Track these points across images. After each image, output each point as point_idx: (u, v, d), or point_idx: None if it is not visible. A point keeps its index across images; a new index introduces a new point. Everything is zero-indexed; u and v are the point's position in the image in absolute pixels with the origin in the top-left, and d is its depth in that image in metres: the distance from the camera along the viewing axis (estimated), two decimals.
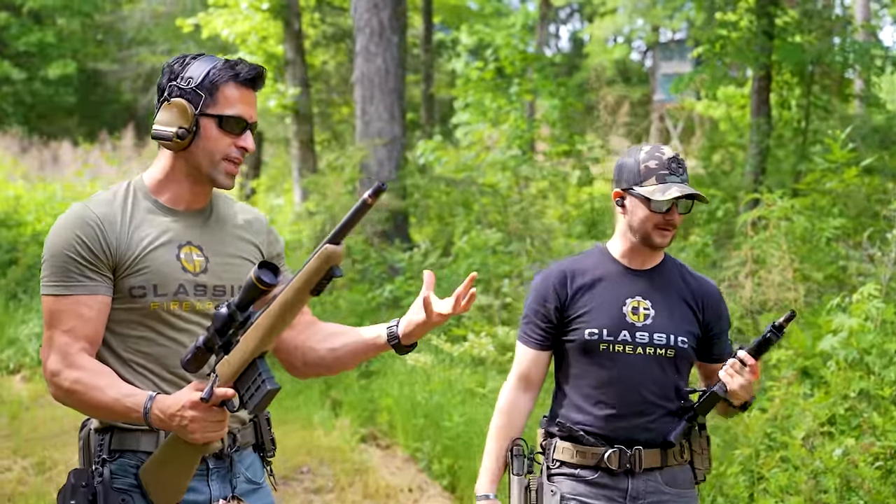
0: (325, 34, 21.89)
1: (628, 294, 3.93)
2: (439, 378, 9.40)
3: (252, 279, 2.91)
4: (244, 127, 3.30)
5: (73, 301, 3.20)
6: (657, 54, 41.62)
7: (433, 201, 15.47)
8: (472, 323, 10.43)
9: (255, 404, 3.01)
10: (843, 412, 6.60)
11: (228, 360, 3.03)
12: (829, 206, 9.18)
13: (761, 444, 6.67)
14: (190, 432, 3.04)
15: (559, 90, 18.00)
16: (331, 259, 2.86)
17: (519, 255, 11.94)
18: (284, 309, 2.96)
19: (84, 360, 3.19)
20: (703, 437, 4.02)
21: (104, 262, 3.22)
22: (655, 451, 3.90)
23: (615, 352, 3.88)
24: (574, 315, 3.93)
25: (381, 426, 9.69)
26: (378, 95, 15.40)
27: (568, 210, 14.90)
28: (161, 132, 3.25)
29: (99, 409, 3.18)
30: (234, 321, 3.01)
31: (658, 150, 3.91)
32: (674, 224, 3.89)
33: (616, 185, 3.97)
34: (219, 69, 3.27)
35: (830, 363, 6.85)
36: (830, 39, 15.05)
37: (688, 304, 3.98)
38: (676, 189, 3.81)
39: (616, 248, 4.02)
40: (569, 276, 3.97)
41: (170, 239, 3.31)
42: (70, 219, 3.24)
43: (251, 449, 3.51)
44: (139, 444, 3.29)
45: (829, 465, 5.96)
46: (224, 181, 3.33)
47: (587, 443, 3.90)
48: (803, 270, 8.09)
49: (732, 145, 18.36)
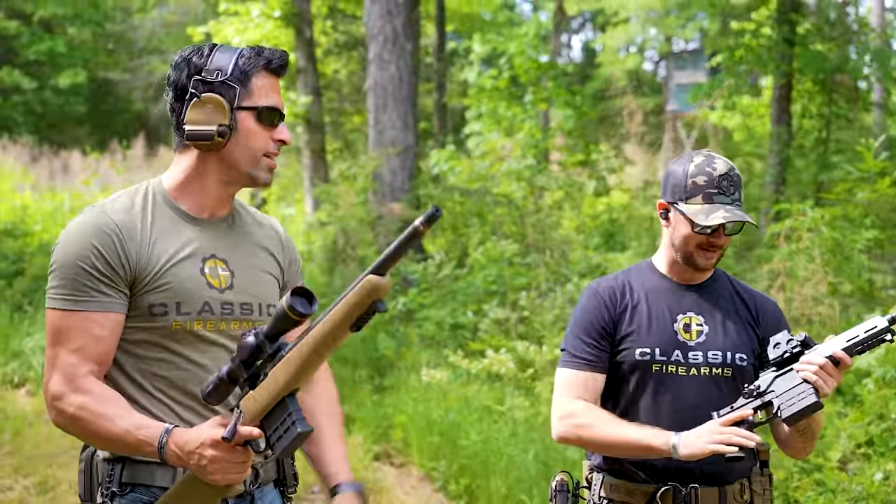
0: (338, 42, 21.70)
1: (679, 310, 3.65)
2: (456, 395, 9.15)
3: (284, 308, 2.63)
4: (280, 117, 3.04)
5: (83, 318, 2.90)
6: (670, 64, 41.42)
7: (447, 212, 15.22)
8: (490, 337, 10.19)
9: (284, 448, 2.71)
10: (881, 433, 6.33)
11: (255, 397, 2.74)
12: (861, 218, 8.91)
13: (795, 467, 6.41)
14: (209, 473, 2.77)
15: (574, 99, 17.78)
16: (375, 292, 2.56)
17: (537, 267, 11.69)
18: (321, 344, 2.66)
19: (91, 384, 2.89)
20: (764, 476, 3.67)
21: (121, 277, 2.93)
22: (714, 490, 3.57)
23: (668, 373, 3.58)
24: (624, 334, 3.64)
25: (395, 444, 9.43)
26: (391, 104, 15.21)
27: (584, 221, 14.65)
28: (199, 132, 2.96)
29: (106, 440, 2.89)
30: (263, 353, 2.72)
31: (710, 163, 3.58)
32: (719, 246, 3.59)
33: (663, 196, 3.69)
34: (247, 57, 3.00)
35: (866, 381, 6.57)
36: (849, 48, 14.84)
37: (743, 318, 3.68)
38: (723, 213, 3.51)
39: (662, 263, 3.75)
40: (618, 291, 3.70)
41: (193, 251, 3.03)
42: (85, 226, 2.94)
43: (272, 485, 3.23)
44: (154, 479, 3.00)
45: (870, 491, 5.68)
46: (265, 178, 3.06)
47: (637, 479, 3.59)
48: (836, 284, 7.81)
49: (749, 155, 18.15)
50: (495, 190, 15.16)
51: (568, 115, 17.69)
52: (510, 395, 8.95)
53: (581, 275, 11.21)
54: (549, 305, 10.44)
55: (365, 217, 14.25)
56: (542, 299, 10.74)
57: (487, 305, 11.17)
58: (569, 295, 10.45)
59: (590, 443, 3.61)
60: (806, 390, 3.32)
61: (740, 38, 14.99)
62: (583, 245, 12.83)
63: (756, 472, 3.66)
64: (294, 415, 2.69)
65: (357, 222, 14.25)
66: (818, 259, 7.67)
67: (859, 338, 3.32)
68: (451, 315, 11.57)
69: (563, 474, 3.72)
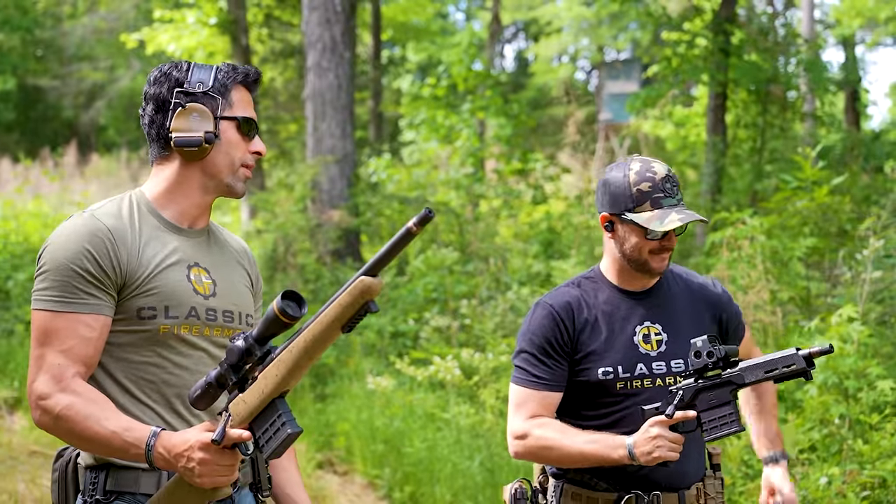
0: (274, 50, 21.59)
1: (636, 321, 3.63)
2: (399, 402, 9.15)
3: (275, 311, 2.65)
4: (256, 129, 3.13)
5: (73, 319, 2.92)
6: (602, 74, 41.69)
7: (385, 220, 15.25)
8: (431, 345, 10.20)
9: (273, 449, 2.72)
10: (823, 438, 6.41)
11: (244, 399, 2.75)
12: (799, 226, 9.03)
13: (739, 472, 6.48)
14: (197, 475, 2.76)
15: (511, 107, 17.86)
16: (367, 293, 2.58)
17: (478, 275, 11.73)
18: (311, 345, 2.67)
19: (79, 385, 2.89)
20: (717, 479, 3.70)
21: (111, 280, 2.95)
22: (674, 495, 3.59)
23: (633, 388, 3.57)
24: (583, 353, 3.61)
25: (338, 452, 9.41)
26: (330, 112, 15.19)
27: (522, 229, 14.71)
28: (186, 138, 3.01)
29: (92, 442, 2.87)
30: (252, 356, 2.74)
31: (649, 168, 3.55)
32: (670, 248, 3.59)
33: (603, 208, 3.63)
34: (226, 72, 3.09)
35: (808, 387, 6.65)
36: (779, 59, 15.07)
37: (700, 314, 3.68)
38: (676, 216, 3.49)
39: (610, 272, 3.71)
40: (574, 307, 3.64)
41: (179, 259, 3.07)
42: (78, 229, 2.96)
43: (248, 488, 3.24)
44: (139, 486, 2.99)
45: (815, 496, 5.75)
46: (241, 189, 3.14)
47: (599, 488, 3.60)
48: (776, 292, 7.91)
49: (682, 164, 18.32)
50: (433, 198, 15.17)
51: (503, 124, 17.77)
52: (454, 403, 8.95)
53: (521, 283, 11.26)
54: (490, 313, 10.47)
55: (304, 225, 14.22)
56: (483, 307, 10.77)
57: (428, 313, 11.18)
58: (510, 302, 10.48)
59: (547, 460, 3.62)
60: (729, 415, 3.38)
61: (675, 49, 15.15)
62: (522, 253, 12.87)
63: (710, 476, 3.69)
64: (284, 416, 2.71)
65: (296, 230, 14.21)
66: (760, 267, 7.77)
67: (777, 372, 3.36)
68: (392, 323, 11.57)
69: (522, 481, 3.69)
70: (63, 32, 32.97)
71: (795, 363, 3.33)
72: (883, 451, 6.04)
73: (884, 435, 6.15)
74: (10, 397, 10.22)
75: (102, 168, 25.61)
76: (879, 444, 6.06)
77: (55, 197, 20.50)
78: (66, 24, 32.60)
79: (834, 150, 15.66)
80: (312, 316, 2.68)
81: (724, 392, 3.40)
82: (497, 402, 8.72)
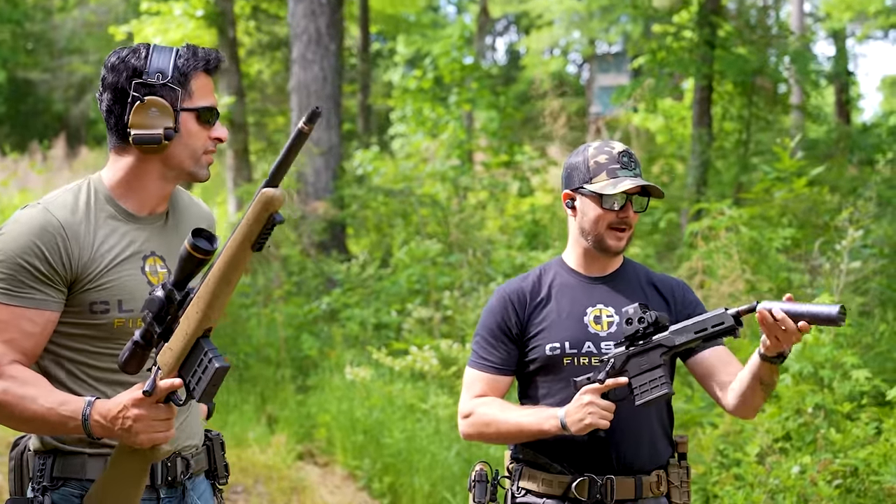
0: (261, 42, 21.59)
1: (588, 303, 3.65)
2: (379, 393, 9.14)
3: (187, 249, 2.65)
4: (216, 116, 3.08)
5: (16, 312, 2.91)
6: (594, 67, 41.70)
7: (371, 212, 15.23)
8: (413, 336, 10.20)
9: (203, 389, 2.72)
10: (798, 427, 6.42)
11: (170, 347, 2.75)
12: (778, 217, 9.04)
13: (713, 462, 6.48)
14: (135, 434, 2.76)
15: (499, 100, 17.85)
16: (270, 204, 2.58)
17: (460, 267, 11.72)
18: (226, 270, 2.66)
19: (14, 370, 2.88)
20: (682, 468, 3.68)
21: (61, 277, 2.94)
22: (630, 480, 3.58)
23: (580, 366, 3.57)
24: (534, 332, 3.65)
25: (318, 443, 9.41)
26: (315, 104, 15.12)
27: (508, 221, 14.71)
28: (145, 136, 2.97)
29: (32, 422, 2.88)
30: (173, 302, 2.73)
31: (607, 144, 3.64)
32: (628, 223, 3.60)
33: (565, 187, 3.70)
34: (185, 59, 3.02)
35: (783, 376, 6.65)
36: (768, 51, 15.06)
37: (654, 305, 3.66)
38: (630, 182, 3.54)
39: (571, 257, 3.74)
40: (527, 291, 3.70)
41: (135, 251, 3.06)
42: (29, 223, 2.93)
43: (203, 475, 3.24)
44: (85, 471, 3.00)
45: (787, 484, 5.76)
46: (205, 175, 3.11)
47: (554, 470, 3.60)
48: (753, 282, 7.91)
49: (671, 157, 18.32)
50: (419, 190, 15.16)
51: (492, 117, 17.76)
52: (433, 393, 8.95)
53: (505, 274, 11.26)
54: (473, 305, 10.47)
55: (289, 217, 14.20)
56: (466, 299, 10.77)
57: (411, 305, 11.18)
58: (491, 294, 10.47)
59: (490, 437, 3.66)
60: (659, 378, 3.38)
61: (662, 41, 15.14)
62: (506, 245, 12.87)
63: (674, 464, 3.67)
64: (210, 353, 2.70)
65: None
66: (736, 257, 7.77)
67: (707, 332, 3.35)
68: (375, 315, 11.56)
69: (482, 464, 3.71)
70: (53, 25, 32.87)
71: (724, 322, 3.33)
72: (856, 440, 6.06)
73: (857, 424, 6.17)
74: None
75: (91, 161, 25.52)
76: (852, 434, 6.07)
77: (42, 190, 20.46)
78: (57, 17, 32.49)
79: (821, 143, 15.68)
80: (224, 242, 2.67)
81: (654, 356, 3.41)
82: None
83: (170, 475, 3.09)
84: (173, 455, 3.08)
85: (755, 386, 3.45)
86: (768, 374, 3.41)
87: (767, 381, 3.44)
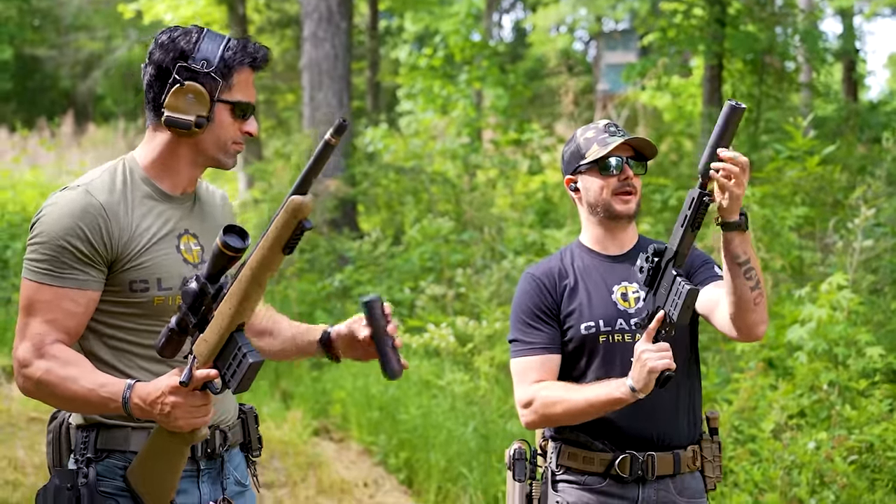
0: (271, 20, 21.60)
1: (613, 281, 3.71)
2: None
3: (218, 246, 2.73)
4: (252, 111, 3.13)
5: (59, 292, 2.98)
6: (601, 44, 41.61)
7: (382, 189, 15.28)
8: (427, 314, 10.25)
9: (239, 381, 2.82)
10: (812, 404, 6.49)
11: (205, 338, 2.83)
12: (791, 196, 9.07)
13: (729, 438, 6.55)
14: (173, 419, 2.85)
15: (507, 78, 17.86)
16: (300, 211, 2.65)
17: (473, 244, 11.78)
18: (257, 272, 2.75)
19: (57, 350, 2.95)
20: (714, 443, 3.75)
21: (102, 257, 3.00)
22: (669, 456, 3.63)
23: (615, 342, 3.63)
24: (567, 312, 3.69)
25: (334, 419, 9.48)
26: (326, 82, 15.20)
27: (518, 199, 14.75)
28: (177, 119, 3.02)
29: (73, 402, 2.96)
30: (206, 295, 2.82)
31: (593, 122, 3.76)
32: (632, 186, 3.66)
33: (566, 173, 3.78)
34: (234, 52, 3.06)
35: (798, 354, 6.72)
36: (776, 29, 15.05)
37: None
38: (619, 139, 3.63)
39: (587, 240, 3.80)
40: (555, 273, 3.74)
41: (171, 229, 3.12)
42: (70, 206, 2.99)
43: (238, 448, 3.32)
44: (129, 444, 3.07)
45: (804, 460, 5.83)
46: (231, 163, 3.18)
47: (595, 448, 3.64)
48: (766, 260, 7.96)
49: (679, 135, 18.31)
50: (430, 168, 15.20)
51: (500, 95, 17.77)
52: (449, 370, 9.01)
53: (516, 252, 11.31)
54: (486, 282, 10.52)
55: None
56: (479, 276, 10.83)
57: (424, 282, 11.24)
58: (504, 271, 10.53)
59: (558, 418, 3.62)
60: (679, 286, 3.30)
61: (671, 19, 15.13)
62: (517, 222, 12.92)
63: (707, 439, 3.74)
64: (244, 348, 2.80)
65: None
66: (751, 236, 7.80)
67: (688, 214, 3.28)
68: (388, 292, 11.62)
69: (521, 442, 3.74)
70: (60, 2, 32.80)
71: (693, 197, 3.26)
72: (871, 416, 6.13)
73: (872, 401, 6.24)
74: (8, 365, 10.27)
75: (99, 138, 25.57)
76: (867, 410, 6.14)
77: (52, 167, 20.51)
78: None
79: (830, 121, 15.68)
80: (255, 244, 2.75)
81: (667, 274, 3.37)
82: (491, 369, 8.78)
83: (209, 447, 3.16)
84: (212, 427, 3.16)
85: (736, 272, 3.32)
86: (740, 245, 3.30)
87: (743, 258, 3.30)
